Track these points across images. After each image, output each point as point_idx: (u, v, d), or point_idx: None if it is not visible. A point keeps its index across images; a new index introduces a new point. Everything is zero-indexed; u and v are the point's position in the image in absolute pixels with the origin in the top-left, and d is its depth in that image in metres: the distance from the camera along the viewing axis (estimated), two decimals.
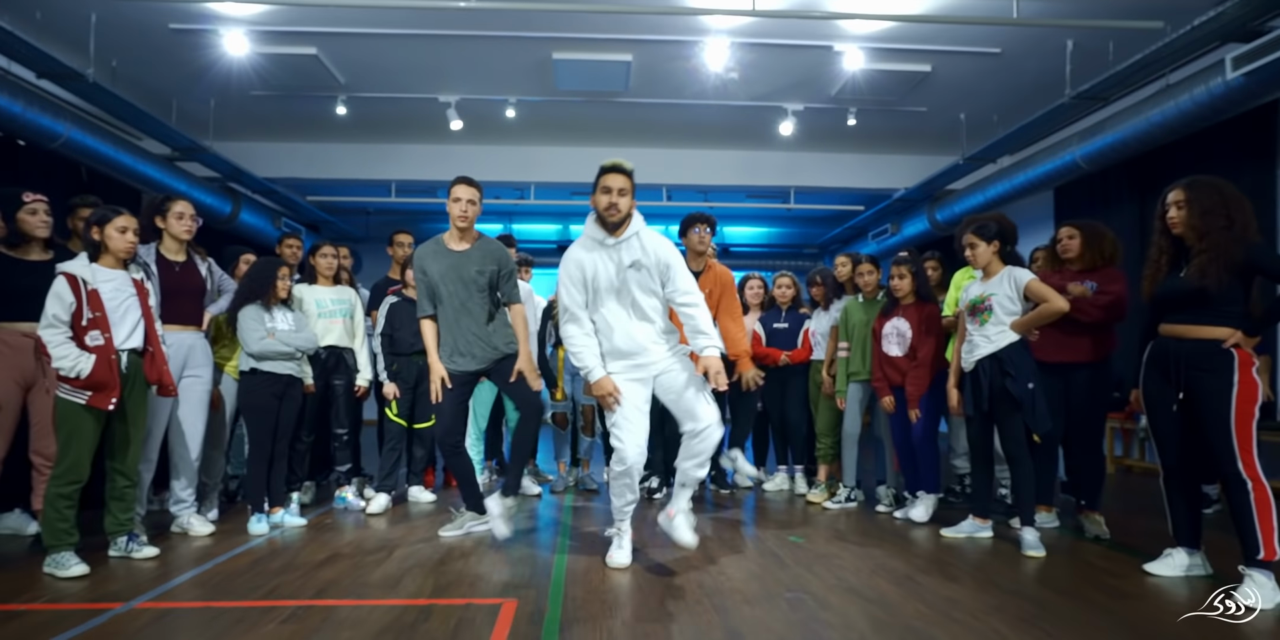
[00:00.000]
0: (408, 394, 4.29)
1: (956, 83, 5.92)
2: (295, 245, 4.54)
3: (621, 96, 6.24)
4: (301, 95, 6.16)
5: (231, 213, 7.22)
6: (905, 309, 3.92)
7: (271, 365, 3.57)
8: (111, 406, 2.84)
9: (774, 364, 4.76)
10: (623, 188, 2.83)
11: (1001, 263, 3.43)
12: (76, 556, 2.80)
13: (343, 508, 4.12)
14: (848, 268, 4.49)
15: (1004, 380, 3.26)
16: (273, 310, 3.64)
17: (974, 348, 3.37)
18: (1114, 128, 5.18)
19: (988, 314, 3.35)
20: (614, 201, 2.81)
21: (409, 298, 4.38)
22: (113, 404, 2.84)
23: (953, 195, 7.50)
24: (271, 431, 3.59)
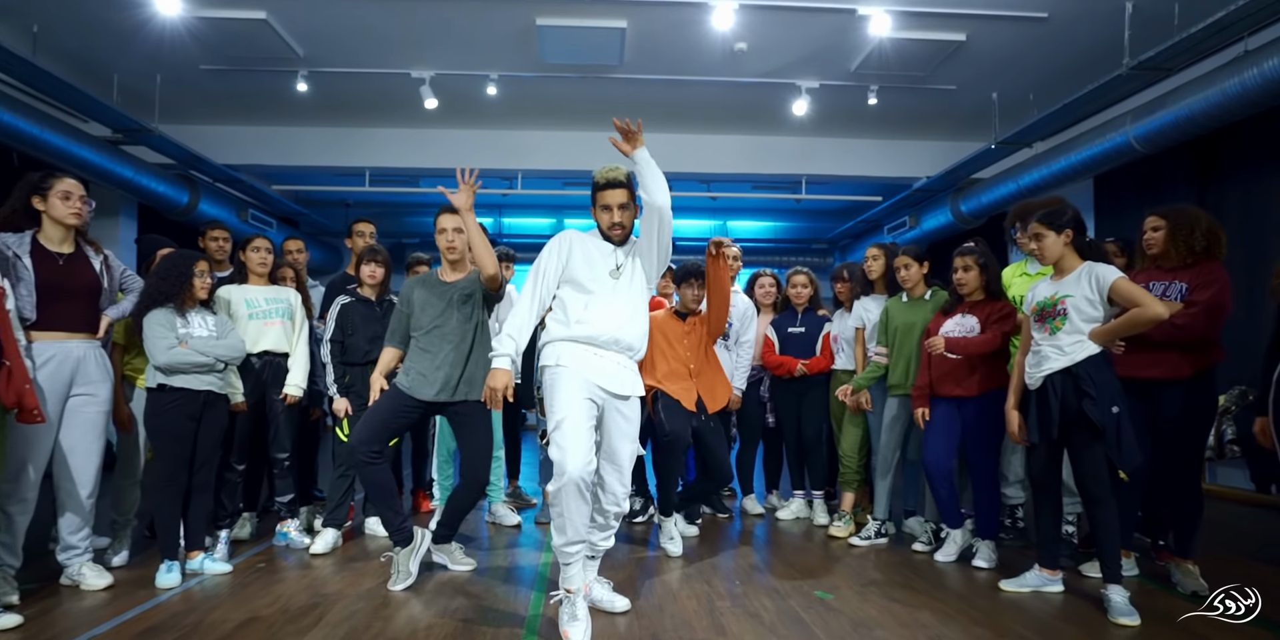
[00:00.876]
0: (363, 411, 3.65)
1: (993, 55, 5.26)
2: (221, 237, 3.89)
3: (615, 71, 5.59)
4: (256, 70, 5.51)
5: (189, 203, 6.57)
6: (973, 306, 3.29)
7: (185, 380, 2.93)
8: None
9: (789, 374, 4.13)
10: (623, 203, 2.59)
11: (1078, 257, 2.79)
12: None
13: (284, 545, 3.49)
14: (880, 261, 3.84)
15: (1081, 402, 2.62)
16: (188, 314, 3.00)
17: (1043, 361, 2.73)
18: (1177, 102, 4.52)
19: (1061, 320, 2.71)
20: (617, 221, 2.59)
21: (364, 297, 3.74)
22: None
23: (979, 185, 6.86)
24: (185, 461, 2.95)
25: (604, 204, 2.58)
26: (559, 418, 2.38)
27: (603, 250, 2.60)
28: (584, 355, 2.49)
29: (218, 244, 3.87)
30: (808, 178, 7.41)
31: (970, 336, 3.21)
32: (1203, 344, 2.84)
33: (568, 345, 2.51)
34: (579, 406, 2.40)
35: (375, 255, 3.78)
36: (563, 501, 2.32)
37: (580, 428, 2.36)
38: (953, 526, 3.35)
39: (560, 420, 2.37)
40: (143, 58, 5.25)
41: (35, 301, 2.66)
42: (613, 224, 2.57)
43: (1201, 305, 2.77)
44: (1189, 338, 2.79)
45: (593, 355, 2.50)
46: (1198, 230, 2.89)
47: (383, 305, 3.77)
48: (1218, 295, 2.80)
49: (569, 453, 2.31)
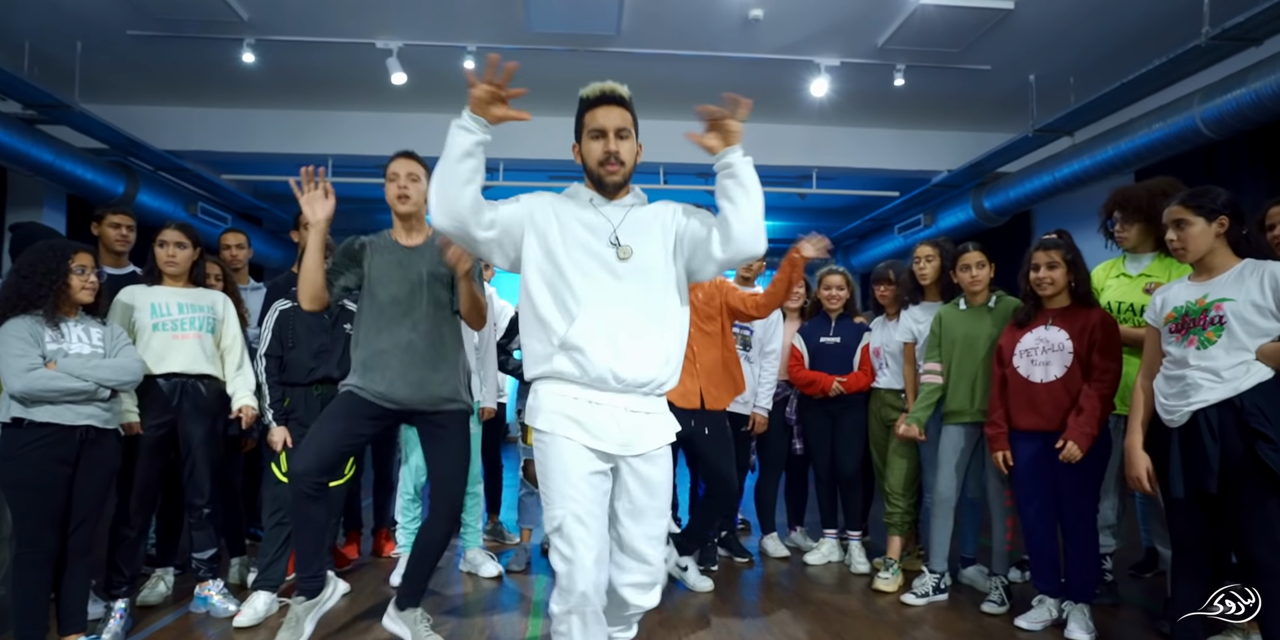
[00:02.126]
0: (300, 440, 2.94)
1: (1041, 26, 4.65)
2: (124, 224, 3.15)
3: (611, 44, 4.92)
4: (193, 37, 4.75)
5: (126, 192, 5.78)
6: (1057, 315, 2.64)
7: (53, 412, 2.20)
8: None
9: (822, 393, 3.47)
10: (622, 128, 1.79)
11: (1233, 253, 2.15)
12: None
13: (204, 613, 2.77)
14: (935, 262, 3.20)
15: (1251, 443, 1.98)
16: (63, 323, 2.28)
17: (1190, 390, 2.09)
18: (1261, 78, 3.92)
19: (1215, 331, 2.07)
20: (612, 150, 1.78)
21: None
22: None
23: (1005, 179, 6.27)
24: (56, 519, 2.23)
25: (595, 128, 1.78)
26: (558, 516, 1.67)
27: (593, 221, 1.79)
28: (576, 407, 1.72)
29: (119, 232, 3.13)
30: (818, 170, 6.77)
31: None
32: None
33: (553, 388, 1.75)
34: (584, 494, 1.67)
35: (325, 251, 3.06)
36: (572, 629, 1.64)
37: (590, 528, 1.65)
38: (1049, 593, 2.70)
39: (560, 520, 1.66)
40: (61, 19, 4.48)
41: None
42: (607, 154, 1.77)
43: None
44: None
45: (588, 405, 1.72)
46: None
47: (332, 313, 3.06)
48: None
49: (578, 565, 1.63)
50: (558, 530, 1.66)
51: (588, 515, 1.66)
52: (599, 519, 1.68)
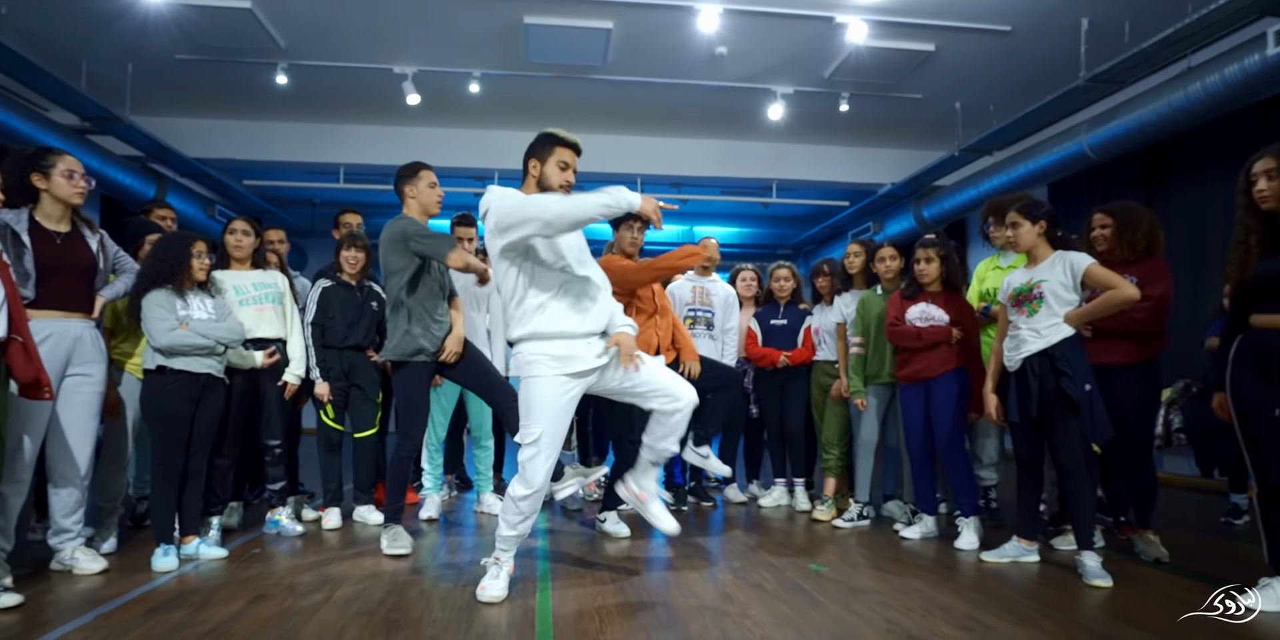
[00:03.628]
0: (340, 394, 3.66)
1: (959, 65, 5.54)
2: (169, 217, 3.85)
3: (597, 72, 5.70)
4: (235, 61, 5.45)
5: (155, 196, 6.42)
6: (933, 296, 3.46)
7: (185, 362, 2.91)
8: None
9: (772, 365, 4.27)
10: (575, 167, 2.61)
11: (1050, 246, 2.99)
12: None
13: (275, 533, 3.47)
14: (861, 257, 4.02)
15: (1058, 380, 2.81)
16: (187, 295, 2.98)
17: (1021, 344, 2.92)
18: (1128, 113, 4.84)
19: (1038, 303, 2.90)
20: (570, 180, 2.58)
21: (344, 282, 3.74)
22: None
23: (941, 191, 7.17)
24: (183, 444, 2.93)
25: (563, 160, 2.52)
26: (536, 431, 2.42)
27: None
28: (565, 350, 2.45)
29: (166, 224, 3.82)
30: (778, 182, 7.62)
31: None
32: (1152, 334, 3.07)
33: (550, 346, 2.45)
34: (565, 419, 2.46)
35: (355, 240, 3.80)
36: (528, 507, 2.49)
37: (561, 434, 2.47)
38: (927, 512, 3.51)
39: (539, 434, 2.42)
40: (117, 45, 5.15)
41: (34, 280, 2.62)
42: (567, 181, 2.54)
43: (1155, 299, 3.00)
44: (1144, 328, 3.02)
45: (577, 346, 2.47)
46: (1140, 229, 3.12)
47: (363, 290, 3.78)
48: (1168, 289, 3.05)
49: (543, 465, 2.44)
50: (535, 441, 2.43)
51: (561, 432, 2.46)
52: (560, 439, 2.48)
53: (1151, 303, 2.97)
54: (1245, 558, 3.03)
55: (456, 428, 4.33)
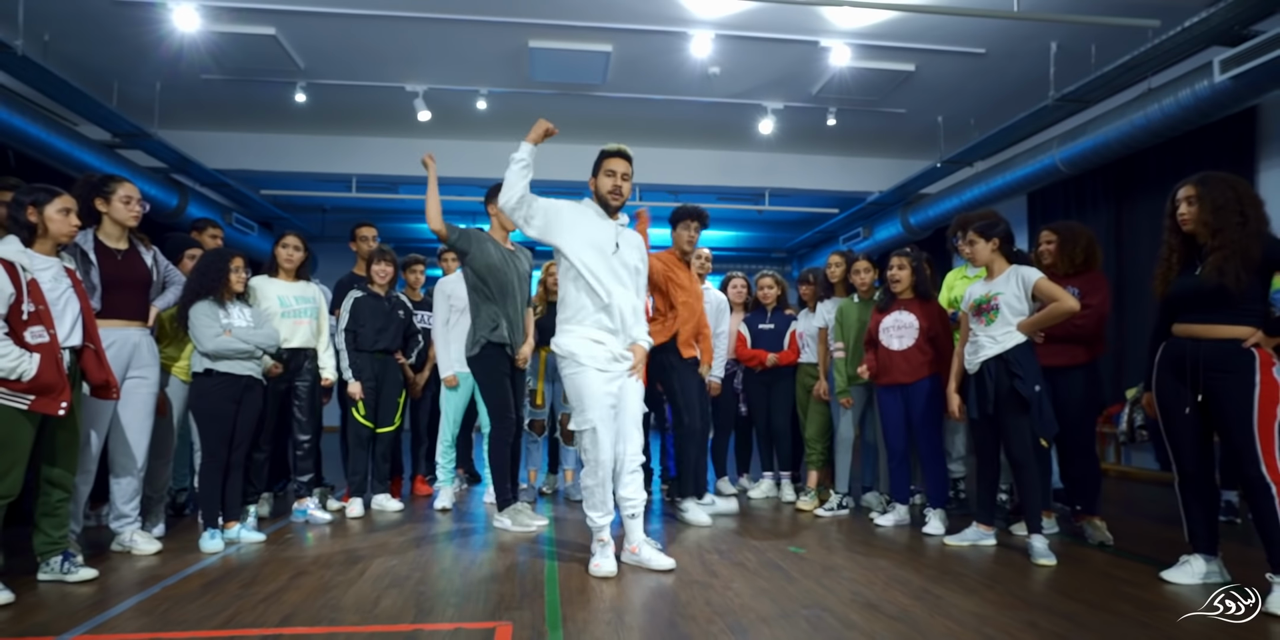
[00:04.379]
0: (370, 393, 4.02)
1: (938, 83, 5.88)
2: (220, 236, 4.20)
3: (598, 90, 6.03)
4: (257, 80, 5.79)
5: (178, 206, 6.77)
6: (905, 303, 3.79)
7: (229, 366, 3.24)
8: (63, 411, 2.51)
9: (760, 366, 4.60)
10: (626, 173, 2.90)
11: (1006, 261, 3.32)
12: (0, 582, 2.45)
13: (303, 521, 3.81)
14: (841, 267, 4.35)
15: (1011, 382, 3.14)
16: (227, 305, 3.32)
17: (979, 349, 3.26)
18: (1095, 130, 5.18)
19: (994, 314, 3.23)
20: (619, 185, 2.87)
21: (374, 293, 4.10)
22: (64, 409, 2.51)
23: (926, 199, 7.49)
24: (228, 439, 3.27)
25: (609, 169, 2.87)
26: (589, 419, 2.81)
27: (598, 223, 2.88)
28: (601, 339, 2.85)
29: (216, 241, 4.15)
30: (770, 190, 7.95)
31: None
32: (1092, 339, 3.42)
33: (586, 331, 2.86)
34: (605, 404, 2.82)
35: (385, 256, 4.15)
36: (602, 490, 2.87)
37: (608, 428, 2.83)
38: (900, 502, 3.85)
39: (592, 422, 2.81)
40: (148, 67, 5.49)
41: (100, 292, 2.96)
42: (614, 188, 2.86)
43: (1094, 307, 3.35)
44: (1085, 333, 3.37)
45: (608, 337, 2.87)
46: (1079, 245, 3.49)
47: (390, 300, 4.13)
48: (1104, 299, 3.41)
49: (602, 449, 2.83)
50: (592, 433, 2.80)
51: (610, 422, 2.84)
52: (610, 419, 2.84)
53: (1091, 311, 3.32)
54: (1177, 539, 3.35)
55: (465, 425, 4.66)
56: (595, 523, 2.91)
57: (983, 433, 3.32)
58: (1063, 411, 3.32)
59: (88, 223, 3.04)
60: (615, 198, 2.89)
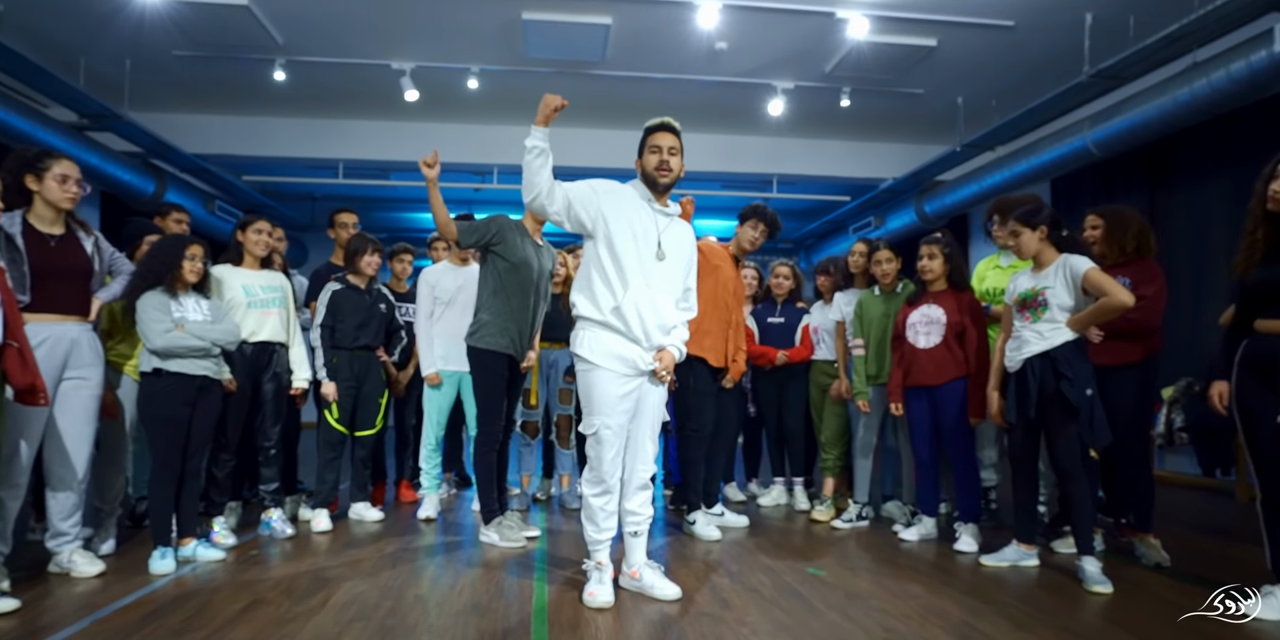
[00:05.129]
0: (349, 394, 3.67)
1: (961, 60, 5.49)
2: (185, 220, 3.84)
3: (596, 67, 5.66)
4: (232, 57, 5.42)
5: (155, 192, 6.41)
6: (937, 296, 3.43)
7: (181, 364, 2.90)
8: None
9: (769, 364, 4.25)
10: (673, 147, 2.56)
11: (1056, 250, 2.96)
12: None
13: (269, 535, 3.47)
14: (864, 256, 3.99)
15: (1058, 383, 2.79)
16: (180, 297, 2.97)
17: (1023, 345, 2.90)
18: (1132, 109, 4.80)
19: (1042, 310, 2.87)
20: (665, 160, 2.53)
21: (353, 285, 3.75)
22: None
23: (942, 186, 7.13)
24: (181, 446, 2.92)
25: (653, 145, 2.52)
26: (595, 424, 2.48)
27: (647, 225, 2.50)
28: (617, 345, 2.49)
29: (181, 227, 3.79)
30: (778, 177, 7.57)
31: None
32: (1146, 334, 3.06)
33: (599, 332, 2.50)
34: (617, 410, 2.48)
35: (377, 246, 3.80)
36: (602, 504, 2.54)
37: (616, 436, 2.50)
38: (928, 515, 3.51)
39: (597, 427, 2.48)
40: (114, 42, 5.13)
41: (29, 283, 2.61)
42: (660, 164, 2.50)
43: (1148, 300, 2.97)
44: (1139, 328, 3.00)
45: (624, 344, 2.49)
46: (1129, 231, 3.11)
47: (371, 293, 3.79)
48: (1160, 290, 3.03)
49: (606, 460, 2.50)
50: (598, 438, 2.47)
51: (620, 427, 2.50)
52: (623, 428, 2.50)
53: (1145, 304, 2.95)
54: (1246, 561, 3.01)
55: (456, 425, 4.33)
56: (591, 539, 2.58)
57: (1022, 438, 2.97)
58: (1113, 416, 2.95)
59: (18, 203, 2.69)
60: (663, 173, 2.51)
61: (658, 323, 2.50)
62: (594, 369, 2.49)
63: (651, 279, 2.50)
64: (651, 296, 2.49)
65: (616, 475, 2.54)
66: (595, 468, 2.52)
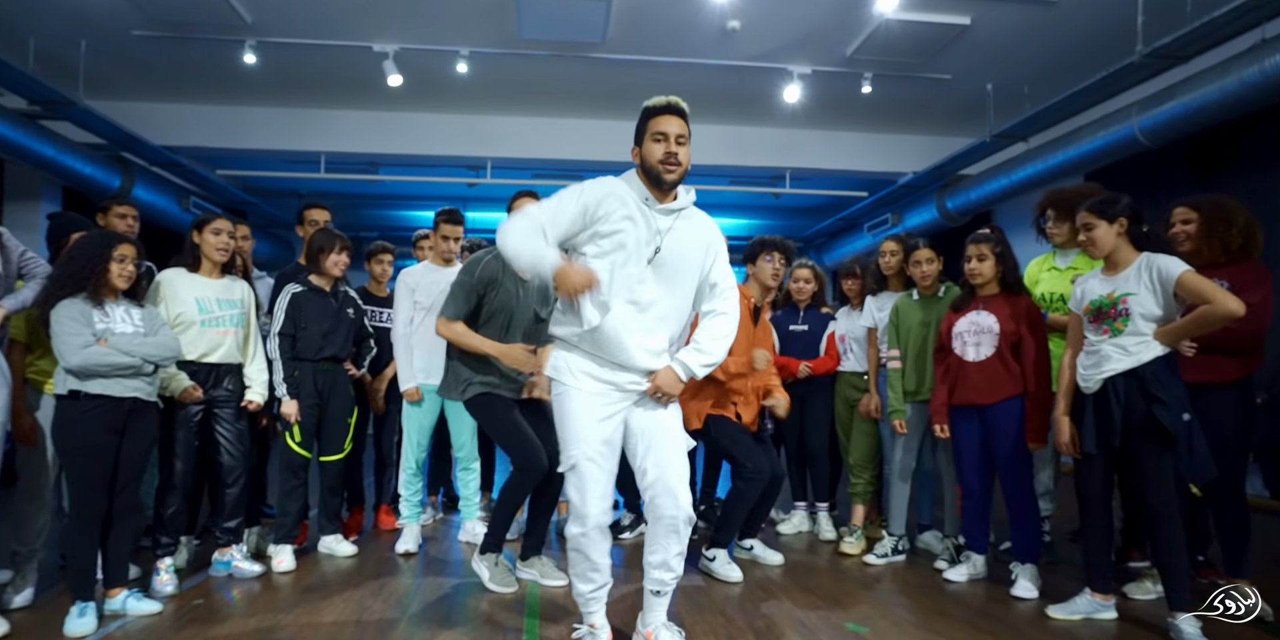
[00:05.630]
0: (312, 413, 3.21)
1: (995, 42, 5.03)
2: (130, 215, 3.36)
3: (596, 50, 5.20)
4: (197, 37, 4.96)
5: (122, 187, 5.95)
6: (988, 301, 2.98)
7: (104, 385, 2.44)
8: None
9: (791, 377, 3.79)
10: (681, 134, 2.06)
11: (1134, 248, 2.51)
12: None
13: (226, 576, 3.02)
14: (897, 256, 3.53)
15: (1149, 407, 2.34)
16: (107, 305, 2.52)
17: (1103, 361, 2.45)
18: (1188, 92, 4.34)
19: (1123, 321, 2.42)
20: (672, 151, 2.03)
21: (316, 287, 3.29)
22: None
23: (966, 181, 6.67)
24: (103, 481, 2.46)
25: (657, 132, 2.03)
26: (573, 456, 2.04)
27: (641, 231, 2.04)
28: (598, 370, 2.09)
29: (125, 223, 3.33)
30: (791, 171, 7.12)
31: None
32: (1248, 349, 2.60)
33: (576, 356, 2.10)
34: (596, 437, 2.04)
35: (344, 243, 3.34)
36: (585, 548, 2.04)
37: (599, 467, 2.04)
38: (977, 551, 3.06)
39: (575, 459, 2.04)
40: (67, 20, 4.67)
41: None
42: (666, 155, 2.01)
43: (1253, 308, 2.50)
44: (1242, 341, 2.55)
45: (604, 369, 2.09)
46: (1235, 225, 2.65)
47: (338, 297, 3.33)
48: (1267, 296, 2.57)
49: (589, 496, 2.02)
50: (573, 468, 2.03)
51: (598, 455, 2.03)
52: (608, 463, 2.04)
53: (1250, 313, 2.48)
54: None
55: (445, 443, 3.89)
56: (580, 594, 2.16)
57: (1097, 473, 2.51)
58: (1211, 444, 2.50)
59: None
60: (670, 169, 2.03)
61: (645, 346, 2.05)
62: (566, 390, 2.07)
63: (641, 296, 2.04)
64: (642, 320, 2.05)
65: (602, 517, 2.07)
66: (577, 509, 2.07)
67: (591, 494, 2.04)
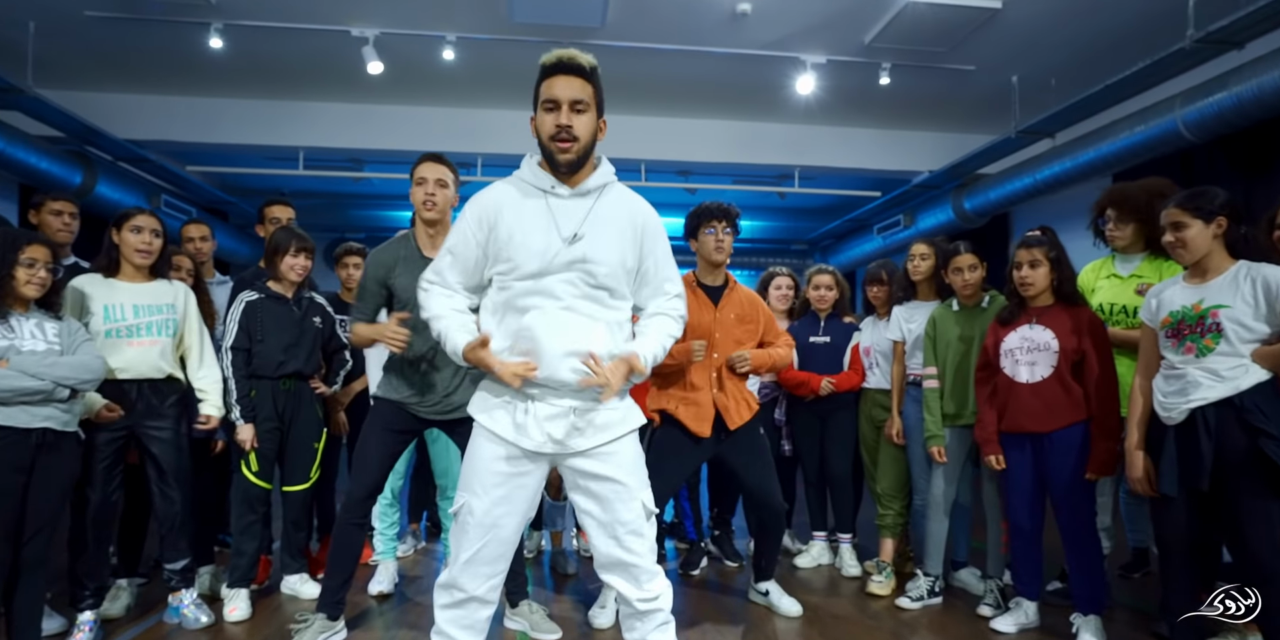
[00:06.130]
0: (271, 438, 2.82)
1: (1026, 27, 4.66)
2: (66, 212, 2.95)
3: (594, 36, 4.81)
4: (157, 19, 4.53)
5: (83, 183, 5.52)
6: (1042, 313, 2.60)
7: (7, 415, 2.05)
8: None
9: (812, 394, 3.41)
10: (579, 100, 1.64)
11: (1230, 255, 2.13)
12: None
13: (175, 624, 2.63)
14: (929, 261, 3.16)
15: (1252, 441, 1.96)
16: (13, 318, 2.12)
17: (1189, 387, 2.07)
18: (1242, 81, 3.95)
19: (1213, 338, 2.04)
20: (564, 123, 1.62)
21: (275, 294, 2.90)
22: None
23: (985, 180, 6.30)
24: (5, 530, 2.07)
25: (549, 98, 1.63)
26: (459, 503, 1.69)
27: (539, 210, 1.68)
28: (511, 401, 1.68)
29: (61, 221, 2.91)
30: (800, 169, 6.74)
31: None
32: None
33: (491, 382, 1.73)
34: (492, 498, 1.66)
35: (303, 243, 2.93)
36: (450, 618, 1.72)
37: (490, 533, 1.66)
38: (1029, 597, 2.68)
39: (461, 507, 1.69)
40: None
41: None
42: (558, 128, 1.62)
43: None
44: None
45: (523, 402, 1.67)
46: None
47: (301, 304, 2.94)
48: None
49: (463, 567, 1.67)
50: (456, 516, 1.69)
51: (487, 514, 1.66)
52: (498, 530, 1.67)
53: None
54: None
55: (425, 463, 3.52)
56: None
57: (1182, 516, 2.13)
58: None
59: None
60: (563, 146, 1.64)
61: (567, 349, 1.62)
62: (478, 428, 1.71)
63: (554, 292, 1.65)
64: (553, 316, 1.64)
65: (479, 585, 1.67)
66: (449, 567, 1.71)
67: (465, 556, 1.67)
